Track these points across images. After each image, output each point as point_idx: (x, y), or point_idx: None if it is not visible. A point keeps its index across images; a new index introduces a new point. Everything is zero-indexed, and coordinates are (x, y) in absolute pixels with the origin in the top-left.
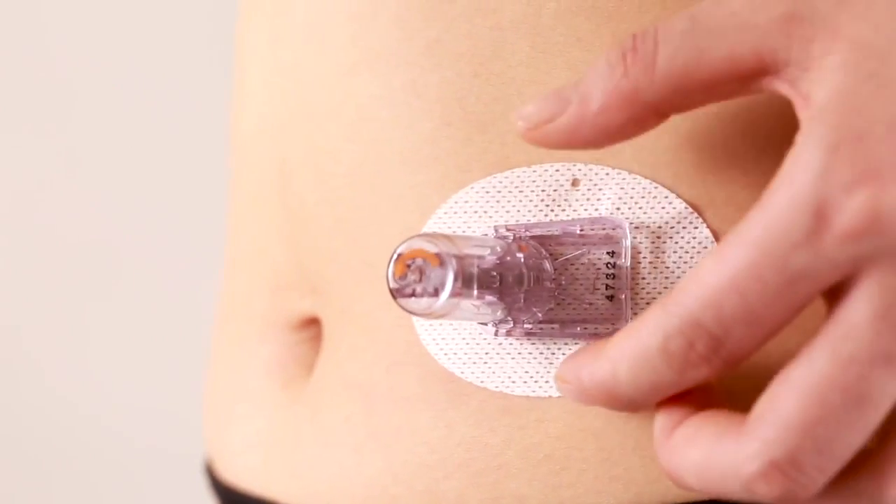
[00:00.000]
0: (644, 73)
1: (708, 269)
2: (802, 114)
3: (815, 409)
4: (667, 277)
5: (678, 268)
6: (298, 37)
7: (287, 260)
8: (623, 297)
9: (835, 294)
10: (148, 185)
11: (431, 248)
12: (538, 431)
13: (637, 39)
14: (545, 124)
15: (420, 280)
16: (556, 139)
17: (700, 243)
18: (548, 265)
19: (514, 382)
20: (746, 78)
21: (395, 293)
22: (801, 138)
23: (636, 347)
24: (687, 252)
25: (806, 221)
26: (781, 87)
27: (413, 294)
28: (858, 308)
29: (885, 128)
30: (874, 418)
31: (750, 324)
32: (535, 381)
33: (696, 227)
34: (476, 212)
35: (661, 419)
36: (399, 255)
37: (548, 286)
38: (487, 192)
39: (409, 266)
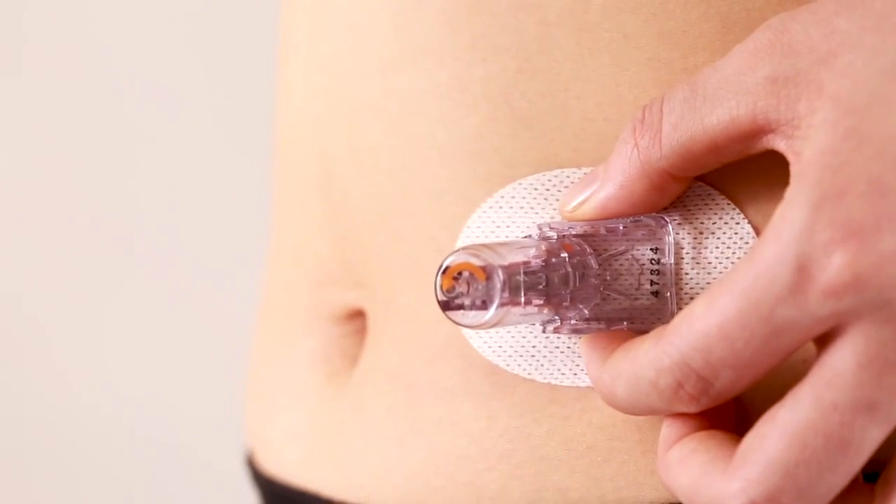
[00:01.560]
0: (652, 143)
1: (698, 314)
2: (793, 169)
3: (797, 452)
4: (709, 273)
5: (720, 263)
6: (339, 31)
7: (331, 253)
8: (668, 294)
9: (822, 340)
10: (175, 183)
11: (477, 262)
12: (581, 422)
13: (645, 111)
14: (582, 206)
15: (468, 293)
16: (592, 217)
17: (742, 238)
18: (592, 261)
19: (563, 374)
20: (747, 138)
21: (444, 306)
22: (788, 193)
23: (632, 375)
24: (729, 248)
25: (790, 277)
26: (779, 144)
27: (461, 307)
28: (843, 357)
29: (865, 185)
30: (856, 462)
31: (737, 368)
32: (586, 373)
33: (737, 223)
34: (522, 207)
35: (664, 431)
36: (446, 269)
37: (593, 282)
38: (535, 189)
39: (456, 279)
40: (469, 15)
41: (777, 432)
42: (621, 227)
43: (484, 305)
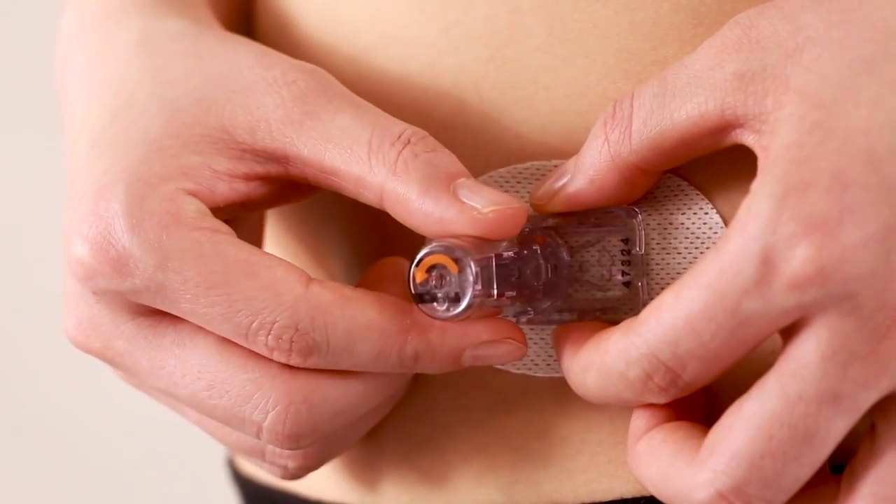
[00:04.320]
0: (622, 138)
1: (666, 306)
2: (760, 163)
3: (762, 443)
4: (679, 263)
5: (689, 253)
6: (315, 16)
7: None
8: (640, 284)
9: (788, 332)
10: None
11: (450, 255)
12: (555, 413)
13: (616, 106)
14: (552, 198)
15: (441, 286)
16: (562, 208)
17: (710, 229)
18: (564, 254)
19: (536, 365)
20: (716, 133)
21: (418, 299)
22: (754, 186)
23: (601, 366)
24: (698, 238)
25: (754, 270)
26: (747, 139)
27: (435, 299)
28: (807, 348)
29: (829, 178)
30: (821, 453)
31: (705, 360)
32: (559, 363)
33: (706, 213)
34: None
35: (633, 422)
36: (419, 262)
37: (565, 274)
38: (507, 182)
39: (429, 272)
40: (442, 3)
41: (743, 423)
42: (592, 219)
43: (457, 298)
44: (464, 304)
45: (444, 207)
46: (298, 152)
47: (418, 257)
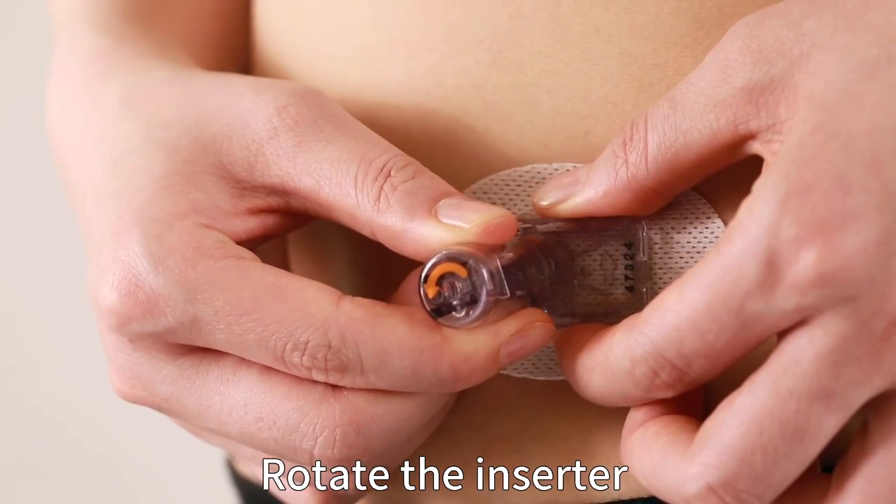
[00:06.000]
0: (639, 160)
1: (669, 306)
2: (765, 166)
3: (753, 438)
4: (681, 267)
5: (691, 258)
6: (317, 18)
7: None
8: (644, 289)
9: (783, 331)
10: None
11: (456, 260)
12: (554, 416)
13: (632, 128)
14: (559, 204)
15: (454, 294)
16: (568, 216)
17: (712, 233)
18: (566, 257)
19: (537, 368)
20: (730, 148)
21: (435, 314)
22: (756, 187)
23: (606, 365)
24: (700, 241)
25: (758, 272)
26: (759, 149)
27: (453, 309)
28: (801, 346)
29: (830, 181)
30: (811, 450)
31: (710, 357)
32: (560, 366)
33: (708, 217)
34: (493, 203)
35: (630, 415)
36: (427, 277)
37: (568, 278)
38: (507, 185)
39: (439, 284)
40: (444, 6)
41: (734, 418)
42: (594, 223)
43: (473, 300)
44: (481, 303)
45: (430, 232)
46: (295, 185)
47: (424, 272)
